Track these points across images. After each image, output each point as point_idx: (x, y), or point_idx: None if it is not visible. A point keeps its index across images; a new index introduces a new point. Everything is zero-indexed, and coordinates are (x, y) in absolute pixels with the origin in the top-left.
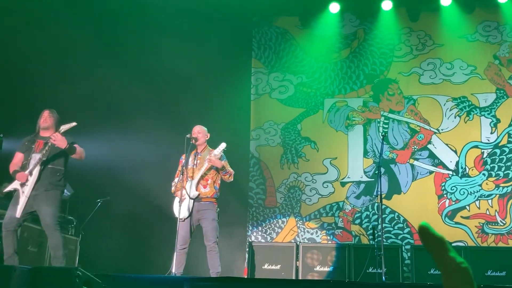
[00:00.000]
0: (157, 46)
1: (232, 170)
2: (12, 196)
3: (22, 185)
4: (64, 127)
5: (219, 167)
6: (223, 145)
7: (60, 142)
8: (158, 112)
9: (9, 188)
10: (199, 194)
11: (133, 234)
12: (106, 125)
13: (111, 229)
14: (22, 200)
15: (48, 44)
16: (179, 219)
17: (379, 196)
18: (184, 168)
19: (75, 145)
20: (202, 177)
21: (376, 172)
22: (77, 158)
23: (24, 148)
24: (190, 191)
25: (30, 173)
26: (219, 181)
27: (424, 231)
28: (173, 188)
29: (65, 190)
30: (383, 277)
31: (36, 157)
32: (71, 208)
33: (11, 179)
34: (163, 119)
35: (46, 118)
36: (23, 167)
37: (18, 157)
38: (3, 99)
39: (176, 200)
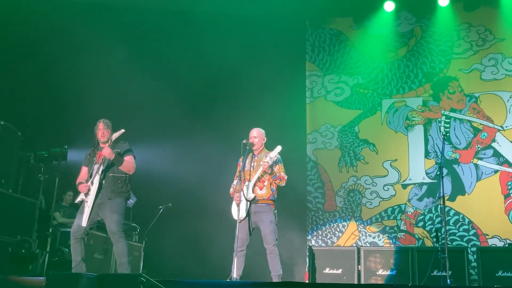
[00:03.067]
0: (213, 53)
1: (284, 176)
2: (79, 205)
3: (86, 195)
4: (115, 135)
5: (269, 173)
6: (278, 148)
7: (107, 154)
8: (215, 118)
9: (78, 199)
10: (255, 196)
11: (194, 239)
12: (166, 133)
13: (173, 235)
14: (87, 210)
15: (101, 58)
16: (238, 221)
17: (442, 197)
18: (241, 171)
19: (125, 157)
20: (258, 179)
21: (438, 173)
22: (125, 171)
23: (87, 162)
24: (247, 193)
25: (92, 183)
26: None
27: None
28: (231, 190)
29: (129, 199)
30: (448, 281)
31: (96, 167)
32: (135, 215)
33: (75, 188)
34: (220, 124)
35: (103, 133)
36: (88, 179)
37: (84, 171)
38: (67, 112)
39: (234, 202)
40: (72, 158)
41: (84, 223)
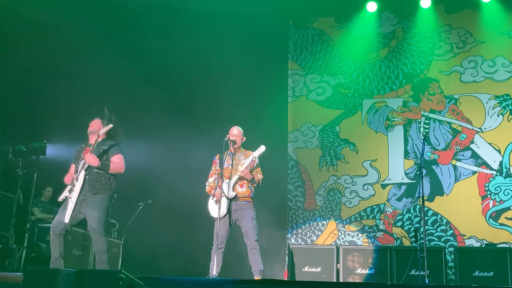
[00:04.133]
0: (194, 50)
1: (260, 178)
2: (60, 202)
3: (70, 191)
4: (102, 130)
5: (249, 179)
6: (262, 148)
7: (92, 161)
8: (197, 115)
9: (62, 196)
10: (236, 194)
11: (173, 236)
12: (146, 130)
13: (153, 231)
14: (70, 206)
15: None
16: (217, 219)
17: (421, 198)
18: (220, 168)
19: (113, 157)
20: (239, 178)
21: (418, 173)
22: (114, 173)
23: (75, 158)
24: (227, 192)
25: (77, 179)
26: None
27: None
28: (207, 188)
29: (113, 197)
30: (426, 280)
31: (82, 163)
32: (114, 211)
33: (55, 184)
34: (202, 122)
35: (92, 124)
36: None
37: (72, 168)
38: (47, 106)
39: (211, 200)
40: (51, 153)
41: (66, 219)
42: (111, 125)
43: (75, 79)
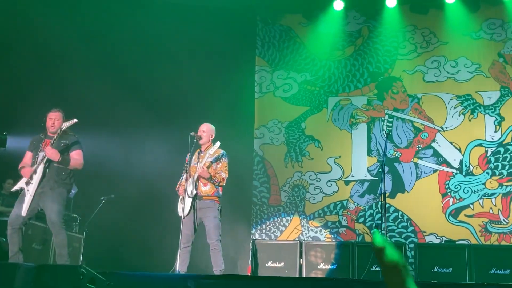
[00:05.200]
0: (159, 44)
1: (225, 176)
2: (18, 194)
3: (28, 183)
4: (65, 124)
5: (206, 178)
6: (217, 144)
7: (53, 155)
8: (161, 111)
9: (16, 187)
10: (198, 193)
11: (137, 231)
12: (111, 124)
13: (115, 226)
14: (27, 199)
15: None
16: (182, 217)
17: (383, 194)
18: (187, 166)
19: (72, 152)
20: (199, 176)
21: (380, 170)
22: (72, 169)
23: (32, 147)
24: (190, 190)
25: (35, 172)
26: None
27: (380, 253)
28: (177, 186)
29: (72, 190)
30: None
31: (41, 155)
32: (75, 205)
33: (15, 176)
34: (167, 118)
35: (54, 123)
36: (32, 165)
37: (28, 156)
38: (6, 98)
39: (180, 198)
40: (12, 145)
41: (23, 212)
42: (75, 120)
43: (35, 68)
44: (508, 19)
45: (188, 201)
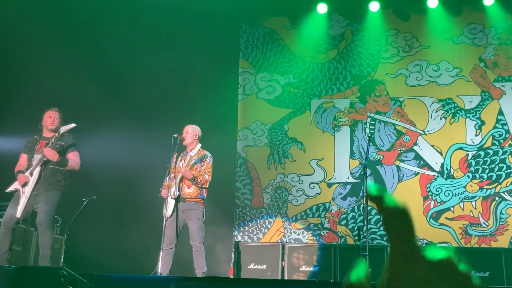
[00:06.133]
0: (143, 46)
1: (208, 178)
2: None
3: (24, 185)
4: (64, 128)
5: (189, 178)
6: (199, 145)
7: (51, 156)
8: (145, 113)
9: (11, 188)
10: (181, 195)
11: (119, 233)
12: (91, 124)
13: (96, 228)
14: (23, 201)
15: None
16: (165, 218)
17: (365, 197)
18: (170, 167)
19: (69, 154)
20: (181, 178)
21: (363, 173)
22: (69, 170)
23: (28, 149)
24: (173, 191)
25: (31, 174)
26: None
27: (379, 201)
28: (161, 188)
29: (66, 193)
30: None
31: (37, 157)
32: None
33: (2, 177)
34: (150, 119)
35: (54, 120)
36: (28, 168)
37: (23, 158)
38: None
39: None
40: None
41: (18, 214)
42: (74, 124)
43: (17, 69)
44: (489, 24)
45: (171, 203)
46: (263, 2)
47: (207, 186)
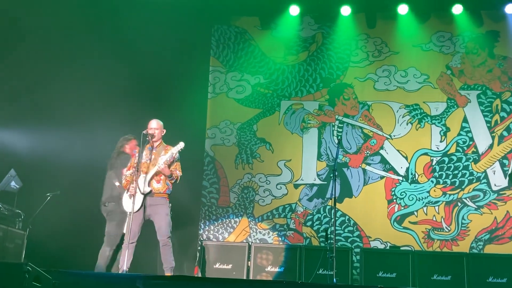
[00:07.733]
0: (112, 41)
1: (178, 175)
2: None
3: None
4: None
5: (167, 175)
6: (181, 145)
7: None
8: (112, 108)
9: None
10: (151, 190)
11: (83, 229)
12: (57, 120)
13: (61, 223)
14: None
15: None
16: (130, 213)
17: (333, 199)
18: (137, 162)
19: None
20: (155, 173)
21: (331, 175)
22: None
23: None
24: (143, 187)
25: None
26: None
27: None
28: (124, 182)
29: (14, 183)
30: (334, 279)
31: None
32: (19, 201)
33: None
34: (117, 115)
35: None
36: None
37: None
38: None
39: (126, 194)
40: None
41: None
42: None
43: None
44: (457, 32)
45: (139, 198)
46: (236, 2)
47: (178, 181)
